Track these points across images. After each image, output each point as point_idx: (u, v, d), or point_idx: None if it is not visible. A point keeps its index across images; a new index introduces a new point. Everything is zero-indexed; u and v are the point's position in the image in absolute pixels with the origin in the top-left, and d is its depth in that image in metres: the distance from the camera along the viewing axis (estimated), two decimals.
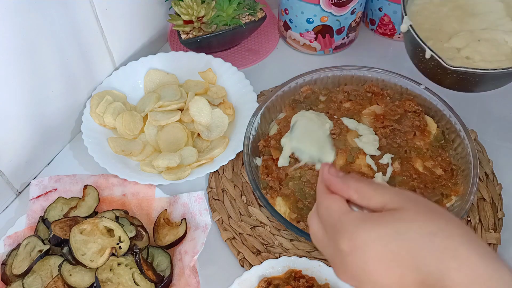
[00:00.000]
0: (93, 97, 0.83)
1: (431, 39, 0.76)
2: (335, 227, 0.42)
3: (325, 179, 0.46)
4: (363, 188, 0.43)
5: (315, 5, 0.88)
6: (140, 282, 0.64)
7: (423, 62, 0.73)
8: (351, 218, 0.41)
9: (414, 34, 0.72)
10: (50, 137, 0.80)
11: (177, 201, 0.74)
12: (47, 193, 0.75)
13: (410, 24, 0.73)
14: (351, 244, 0.40)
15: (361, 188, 0.43)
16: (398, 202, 0.41)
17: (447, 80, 0.75)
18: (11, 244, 0.70)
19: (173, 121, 0.81)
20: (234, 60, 0.96)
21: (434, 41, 0.76)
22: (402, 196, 0.42)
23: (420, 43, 0.72)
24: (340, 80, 0.84)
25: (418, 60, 0.76)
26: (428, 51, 0.71)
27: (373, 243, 0.39)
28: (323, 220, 0.44)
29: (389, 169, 0.72)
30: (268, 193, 0.72)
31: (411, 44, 0.76)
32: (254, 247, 0.72)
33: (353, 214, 0.42)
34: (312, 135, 0.59)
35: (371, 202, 0.42)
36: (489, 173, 0.79)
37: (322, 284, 0.66)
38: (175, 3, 0.88)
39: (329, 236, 0.43)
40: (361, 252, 0.40)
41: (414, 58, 0.78)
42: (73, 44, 0.77)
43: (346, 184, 0.44)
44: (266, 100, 0.79)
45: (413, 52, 0.76)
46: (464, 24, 0.78)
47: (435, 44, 0.75)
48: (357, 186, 0.43)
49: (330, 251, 0.43)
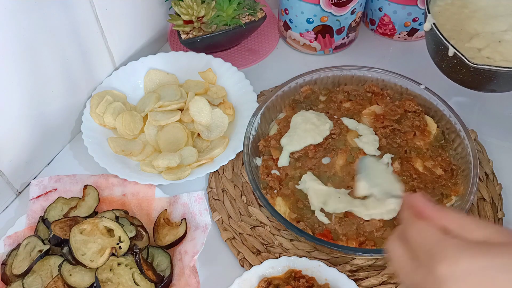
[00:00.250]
0: (93, 97, 0.83)
1: (452, 38, 0.77)
2: (431, 252, 0.39)
3: (417, 204, 0.44)
4: (464, 219, 0.41)
5: (315, 5, 0.88)
6: (140, 282, 0.64)
7: (445, 60, 0.74)
8: (453, 243, 0.39)
9: (438, 32, 0.73)
10: (50, 137, 0.80)
11: (177, 201, 0.74)
12: (47, 193, 0.75)
13: (434, 23, 0.74)
14: (451, 270, 0.37)
15: (461, 218, 0.41)
16: (503, 237, 0.39)
17: (469, 79, 0.75)
18: (11, 244, 0.70)
19: (173, 121, 0.81)
20: (234, 60, 0.96)
21: (455, 40, 0.77)
22: (505, 232, 0.40)
23: (443, 41, 0.73)
24: (340, 80, 0.84)
25: (440, 59, 0.77)
26: (451, 49, 0.72)
27: (477, 272, 0.37)
28: (414, 244, 0.42)
29: (389, 169, 0.72)
30: (268, 193, 0.72)
31: (433, 42, 0.77)
32: (254, 247, 0.72)
33: (455, 240, 0.39)
34: (380, 174, 0.62)
35: (471, 235, 0.40)
36: (489, 173, 0.79)
37: (322, 284, 0.66)
38: (175, 3, 0.88)
39: (421, 261, 0.40)
40: (462, 280, 0.37)
41: (436, 56, 0.78)
42: (73, 44, 0.77)
43: (443, 212, 0.42)
44: (266, 100, 0.79)
45: (436, 51, 0.77)
46: (486, 25, 0.79)
47: (456, 43, 0.76)
48: (456, 216, 0.41)
49: (419, 278, 0.40)
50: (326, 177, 0.72)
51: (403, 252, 0.43)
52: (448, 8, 0.82)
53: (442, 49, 0.74)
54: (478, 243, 0.39)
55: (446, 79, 0.83)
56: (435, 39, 0.75)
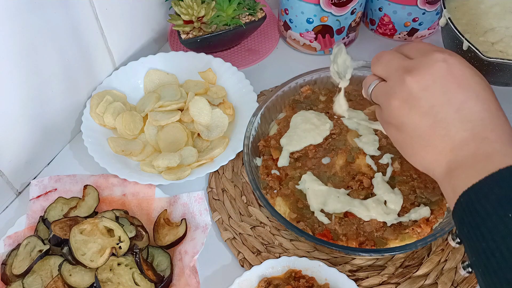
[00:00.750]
0: (93, 97, 0.83)
1: (467, 32, 0.79)
2: (424, 50, 0.52)
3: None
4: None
5: (315, 5, 0.88)
6: (140, 282, 0.64)
7: (460, 54, 0.75)
8: (443, 49, 0.52)
9: (452, 26, 0.75)
10: (50, 137, 0.80)
11: (177, 201, 0.74)
12: (47, 193, 0.75)
13: (449, 17, 0.76)
14: (445, 57, 0.50)
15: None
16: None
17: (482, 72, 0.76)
18: (11, 244, 0.70)
19: (173, 121, 0.81)
20: (234, 60, 0.96)
21: (470, 35, 0.79)
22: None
23: (458, 35, 0.74)
24: None
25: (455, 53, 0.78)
26: (466, 43, 0.73)
27: (457, 61, 0.50)
28: (408, 50, 0.54)
29: (389, 169, 0.72)
30: (268, 193, 0.72)
31: (448, 36, 0.79)
32: (254, 247, 0.72)
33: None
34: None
35: None
36: None
37: (322, 284, 0.66)
38: (175, 3, 0.88)
39: (413, 56, 0.52)
40: (451, 67, 0.49)
41: (451, 50, 0.79)
42: (73, 44, 0.77)
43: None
44: (266, 100, 0.79)
45: (451, 45, 0.79)
46: (501, 20, 0.81)
47: (471, 37, 0.78)
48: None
49: (410, 63, 0.51)
50: (326, 177, 0.72)
51: (397, 53, 0.54)
52: (465, 4, 0.84)
53: (457, 43, 0.75)
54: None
55: None
56: (450, 33, 0.77)
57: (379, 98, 0.54)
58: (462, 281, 0.68)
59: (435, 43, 1.00)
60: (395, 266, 0.70)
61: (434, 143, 0.49)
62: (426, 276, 0.69)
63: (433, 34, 1.01)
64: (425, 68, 0.49)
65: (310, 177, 0.71)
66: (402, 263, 0.71)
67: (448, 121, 0.48)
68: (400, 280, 0.69)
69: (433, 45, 0.53)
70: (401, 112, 0.50)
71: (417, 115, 0.49)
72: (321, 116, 0.78)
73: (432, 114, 0.49)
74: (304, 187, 0.71)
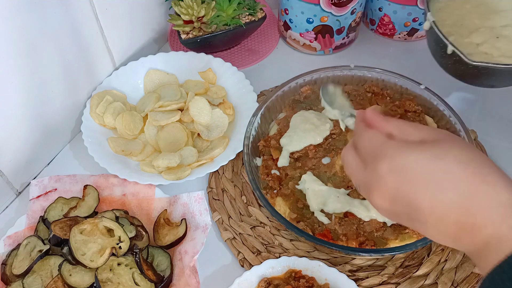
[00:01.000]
0: (93, 97, 0.83)
1: (452, 34, 0.77)
2: (375, 153, 0.46)
3: (368, 117, 0.51)
4: (404, 125, 0.48)
5: (315, 5, 0.88)
6: (140, 282, 0.64)
7: (445, 57, 0.74)
8: (392, 144, 0.46)
9: (437, 30, 0.73)
10: (50, 137, 0.80)
11: (177, 201, 0.74)
12: (47, 193, 0.75)
13: (433, 20, 0.74)
14: (390, 165, 0.44)
15: (402, 125, 0.48)
16: (436, 136, 0.46)
17: (469, 76, 0.76)
18: (11, 244, 0.70)
19: (173, 121, 0.81)
20: (234, 60, 0.96)
21: (455, 36, 0.77)
22: (439, 132, 0.47)
23: (442, 39, 0.73)
24: (340, 80, 0.84)
25: (440, 56, 0.77)
26: (450, 47, 0.72)
27: (411, 164, 0.43)
28: (363, 149, 0.49)
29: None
30: (268, 193, 0.72)
31: (433, 40, 0.77)
32: (254, 247, 0.72)
33: (394, 141, 0.46)
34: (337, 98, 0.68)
35: (410, 137, 0.46)
36: None
37: (322, 284, 0.66)
38: (175, 3, 0.88)
39: (367, 163, 0.47)
40: (399, 172, 0.44)
41: (436, 53, 0.79)
42: (73, 44, 0.77)
43: (388, 121, 0.49)
44: (266, 100, 0.79)
45: (435, 48, 0.78)
46: (486, 20, 0.79)
47: (456, 39, 0.77)
48: (398, 123, 0.48)
49: (365, 176, 0.47)
50: (326, 177, 0.72)
51: (354, 157, 0.50)
52: (449, 4, 0.82)
53: (442, 46, 0.74)
54: (415, 142, 0.45)
55: (446, 79, 0.83)
56: (434, 36, 0.75)
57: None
58: (462, 281, 0.68)
59: None
60: (395, 266, 0.70)
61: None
62: (426, 276, 0.69)
63: None
64: (381, 184, 0.45)
65: (310, 177, 0.71)
66: (402, 263, 0.71)
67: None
68: (400, 280, 0.69)
69: (376, 138, 0.48)
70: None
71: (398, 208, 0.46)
72: (321, 116, 0.78)
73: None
74: (304, 187, 0.71)
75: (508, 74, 0.73)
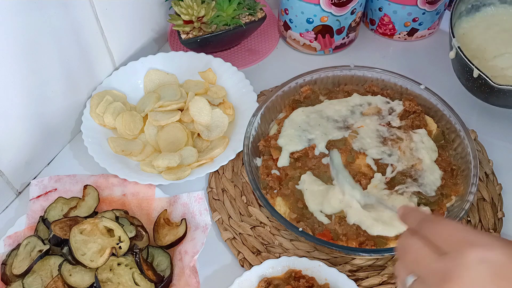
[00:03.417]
0: (93, 97, 0.83)
1: (476, 57, 0.81)
2: (462, 240, 0.42)
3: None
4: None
5: (315, 5, 0.88)
6: (140, 282, 0.64)
7: (471, 81, 0.77)
8: (485, 233, 0.43)
9: (462, 55, 0.76)
10: (50, 137, 0.80)
11: (177, 201, 0.74)
12: (47, 193, 0.75)
13: (458, 46, 0.77)
14: (485, 255, 0.40)
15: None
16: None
17: (493, 98, 0.79)
18: (11, 244, 0.70)
19: (173, 121, 0.81)
20: (234, 60, 0.96)
21: (479, 60, 0.81)
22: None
23: (468, 63, 0.75)
24: (340, 80, 0.84)
25: (466, 79, 0.80)
26: (476, 71, 0.74)
27: (507, 260, 0.40)
28: (438, 237, 0.44)
29: (388, 169, 0.72)
30: (268, 193, 0.72)
31: (459, 63, 0.79)
32: (254, 247, 0.72)
33: (485, 233, 0.45)
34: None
35: None
36: (489, 173, 0.79)
37: (322, 284, 0.66)
38: (175, 3, 0.88)
39: (447, 251, 0.42)
40: (493, 265, 0.40)
41: (462, 77, 0.81)
42: (73, 44, 0.77)
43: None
44: (266, 100, 0.79)
45: (461, 72, 0.80)
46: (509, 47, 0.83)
47: (480, 62, 0.80)
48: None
49: (441, 265, 0.42)
50: (326, 177, 0.72)
51: (423, 244, 0.44)
52: (472, 30, 0.85)
53: (467, 70, 0.76)
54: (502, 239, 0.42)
55: (446, 79, 0.83)
56: (460, 61, 0.77)
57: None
58: None
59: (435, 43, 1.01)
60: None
61: None
62: None
63: (433, 34, 1.01)
64: (465, 275, 0.40)
65: (309, 177, 0.71)
66: None
67: None
68: None
69: (461, 227, 0.44)
70: None
71: None
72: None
73: None
74: (302, 187, 0.71)
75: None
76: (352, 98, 0.81)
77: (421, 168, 0.73)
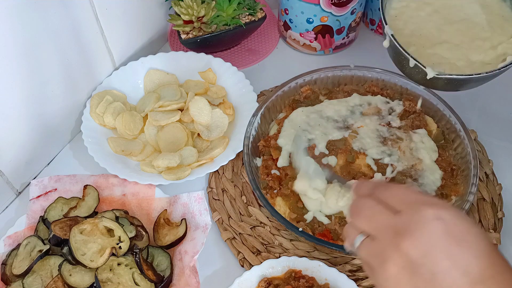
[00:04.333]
0: (93, 97, 0.83)
1: (413, 44, 0.73)
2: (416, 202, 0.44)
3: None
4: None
5: (315, 5, 0.88)
6: (140, 282, 0.64)
7: (407, 69, 0.71)
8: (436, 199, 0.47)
9: (397, 45, 0.70)
10: (50, 137, 0.80)
11: (177, 201, 0.74)
12: (47, 193, 0.75)
13: (392, 34, 0.70)
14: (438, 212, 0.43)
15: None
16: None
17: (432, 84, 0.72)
18: (11, 244, 0.70)
19: (173, 121, 0.81)
20: (234, 60, 0.96)
21: (416, 47, 0.73)
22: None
23: (403, 53, 0.69)
24: (340, 80, 0.84)
25: (402, 67, 0.74)
26: (412, 61, 0.69)
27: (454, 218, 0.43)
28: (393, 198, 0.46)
29: (388, 169, 0.72)
30: (268, 193, 0.72)
31: (394, 52, 0.73)
32: (254, 247, 0.72)
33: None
34: None
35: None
36: (489, 173, 0.79)
37: (322, 284, 0.66)
38: (175, 3, 0.88)
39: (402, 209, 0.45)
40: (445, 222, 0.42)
41: (399, 65, 0.75)
42: (73, 44, 0.77)
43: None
44: (266, 100, 0.79)
45: (397, 60, 0.74)
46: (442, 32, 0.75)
47: (418, 50, 0.72)
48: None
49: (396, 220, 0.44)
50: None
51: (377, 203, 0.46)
52: (404, 11, 0.77)
53: (403, 59, 0.71)
54: None
55: None
56: (395, 49, 0.71)
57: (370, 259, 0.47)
58: None
59: None
60: None
61: None
62: None
63: None
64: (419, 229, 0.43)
65: None
66: None
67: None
68: None
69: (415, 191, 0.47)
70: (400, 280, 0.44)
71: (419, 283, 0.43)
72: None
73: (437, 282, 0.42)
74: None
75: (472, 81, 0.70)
76: (352, 98, 0.81)
77: (421, 168, 0.73)
